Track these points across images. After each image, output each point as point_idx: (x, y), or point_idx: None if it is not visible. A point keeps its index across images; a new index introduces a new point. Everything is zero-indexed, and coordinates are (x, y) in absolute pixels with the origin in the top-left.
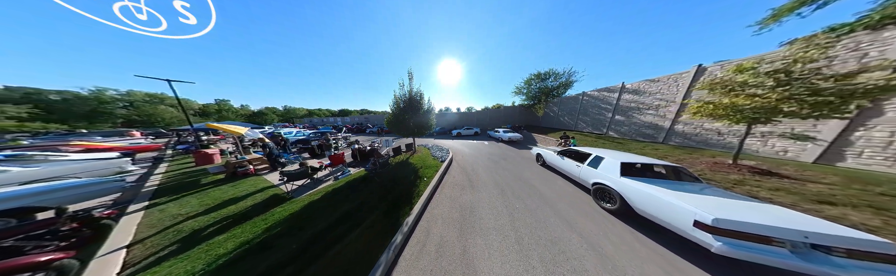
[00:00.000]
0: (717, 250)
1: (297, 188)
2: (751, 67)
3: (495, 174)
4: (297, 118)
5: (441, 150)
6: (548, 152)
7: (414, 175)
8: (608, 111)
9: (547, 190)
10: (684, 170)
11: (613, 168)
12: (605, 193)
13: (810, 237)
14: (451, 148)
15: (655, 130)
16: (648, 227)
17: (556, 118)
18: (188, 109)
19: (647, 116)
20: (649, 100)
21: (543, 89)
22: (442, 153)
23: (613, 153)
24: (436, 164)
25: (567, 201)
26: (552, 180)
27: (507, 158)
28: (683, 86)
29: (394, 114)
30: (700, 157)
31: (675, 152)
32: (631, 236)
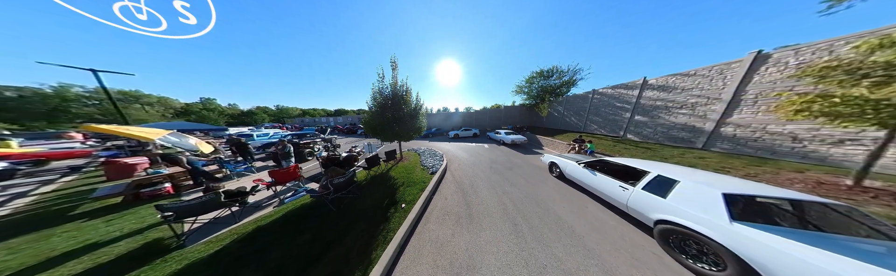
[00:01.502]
0: None
1: (203, 226)
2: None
3: (502, 195)
4: (289, 118)
5: (434, 156)
6: (566, 162)
7: (388, 200)
8: (625, 111)
9: (581, 225)
10: (852, 211)
11: (711, 204)
12: (688, 240)
13: None
14: (446, 153)
15: (692, 132)
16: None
17: (561, 119)
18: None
19: (680, 117)
20: (681, 97)
21: (546, 88)
22: (434, 162)
23: (689, 172)
24: (424, 178)
25: (618, 248)
26: (581, 205)
27: (513, 167)
28: (734, 79)
29: (372, 113)
30: (780, 172)
31: (733, 162)
32: None
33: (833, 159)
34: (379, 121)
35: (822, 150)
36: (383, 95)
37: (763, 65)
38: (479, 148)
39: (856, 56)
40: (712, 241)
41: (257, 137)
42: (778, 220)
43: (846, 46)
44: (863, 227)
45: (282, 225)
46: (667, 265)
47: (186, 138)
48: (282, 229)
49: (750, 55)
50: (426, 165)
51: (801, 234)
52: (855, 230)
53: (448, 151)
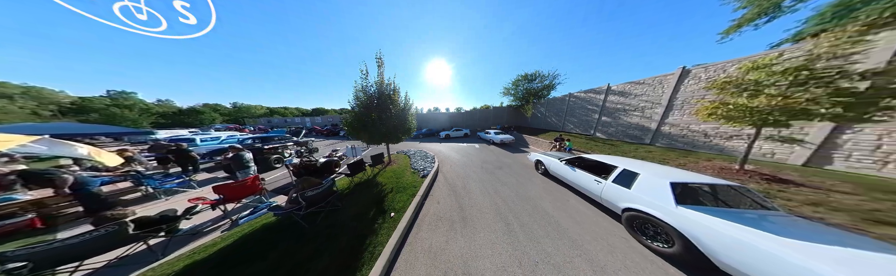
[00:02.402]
0: None
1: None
2: (766, 64)
3: (494, 194)
4: (250, 118)
5: (425, 158)
6: (550, 159)
7: (375, 209)
8: (595, 112)
9: (565, 219)
10: (750, 192)
11: (662, 192)
12: (647, 225)
13: None
14: (437, 155)
15: (642, 131)
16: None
17: (543, 119)
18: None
19: (634, 118)
20: (635, 101)
21: (530, 90)
22: (426, 164)
23: (647, 166)
24: (414, 182)
25: (596, 236)
26: (564, 199)
27: (503, 166)
28: (669, 88)
29: (355, 114)
30: (698, 161)
31: (670, 154)
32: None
33: (727, 150)
34: (363, 122)
35: (721, 143)
36: (368, 93)
37: (686, 78)
38: (469, 148)
39: (739, 74)
40: (663, 222)
41: (202, 141)
42: (703, 201)
43: (732, 66)
44: (749, 200)
45: (232, 254)
46: (633, 248)
47: (70, 146)
48: (231, 259)
49: (678, 70)
50: (417, 168)
51: (715, 211)
52: (746, 203)
53: (439, 152)
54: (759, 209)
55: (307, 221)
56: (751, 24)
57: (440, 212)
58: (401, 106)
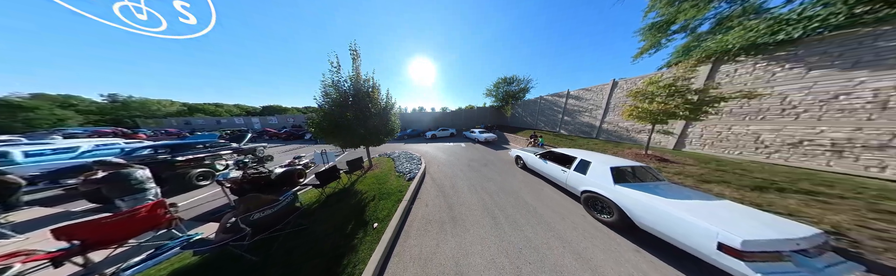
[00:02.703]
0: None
1: None
2: (655, 81)
3: (482, 191)
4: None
5: (411, 160)
6: (527, 154)
7: (354, 222)
8: (559, 113)
9: (541, 206)
10: (651, 170)
11: (604, 175)
12: (597, 202)
13: (801, 243)
14: (424, 156)
15: (590, 128)
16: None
17: (520, 118)
18: None
19: (585, 118)
20: (585, 104)
21: (509, 92)
22: (411, 166)
23: (596, 156)
24: (400, 187)
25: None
26: (539, 189)
27: (488, 163)
28: (605, 94)
29: (326, 113)
30: (623, 149)
31: (607, 146)
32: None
33: (639, 141)
34: (336, 122)
35: (635, 136)
36: (341, 90)
37: (616, 88)
38: (456, 147)
39: (643, 87)
40: (606, 198)
41: (29, 156)
42: (628, 179)
43: (640, 81)
44: (651, 175)
45: None
46: (589, 222)
47: None
48: None
49: (610, 81)
50: (402, 171)
51: (634, 185)
52: (649, 177)
53: (426, 152)
54: (656, 181)
55: (256, 252)
56: (648, 53)
57: (429, 215)
58: (382, 105)
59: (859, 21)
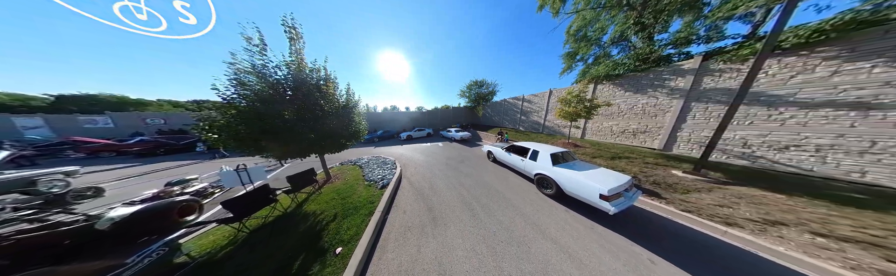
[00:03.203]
0: (613, 212)
1: None
2: (570, 92)
3: (460, 187)
4: None
5: (384, 165)
6: (496, 149)
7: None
8: (518, 113)
9: (508, 191)
10: (571, 153)
11: (547, 160)
12: (544, 181)
13: (626, 185)
14: (399, 159)
15: (538, 125)
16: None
17: (490, 118)
18: None
19: (535, 117)
20: (535, 106)
21: (480, 94)
22: (384, 172)
23: (540, 145)
24: (371, 197)
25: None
26: (506, 177)
27: (465, 160)
28: (545, 99)
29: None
30: (556, 140)
31: (548, 138)
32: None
33: (563, 133)
34: (265, 125)
35: (562, 130)
36: (269, 80)
37: (551, 95)
38: (434, 147)
39: (565, 96)
40: (549, 177)
41: None
42: (559, 161)
43: (563, 91)
44: (571, 157)
45: None
46: (541, 198)
47: None
48: None
49: (548, 90)
50: (373, 178)
51: (563, 165)
52: (570, 159)
53: (401, 155)
54: (573, 161)
55: None
56: (567, 72)
57: (408, 221)
58: (339, 102)
59: (641, 68)
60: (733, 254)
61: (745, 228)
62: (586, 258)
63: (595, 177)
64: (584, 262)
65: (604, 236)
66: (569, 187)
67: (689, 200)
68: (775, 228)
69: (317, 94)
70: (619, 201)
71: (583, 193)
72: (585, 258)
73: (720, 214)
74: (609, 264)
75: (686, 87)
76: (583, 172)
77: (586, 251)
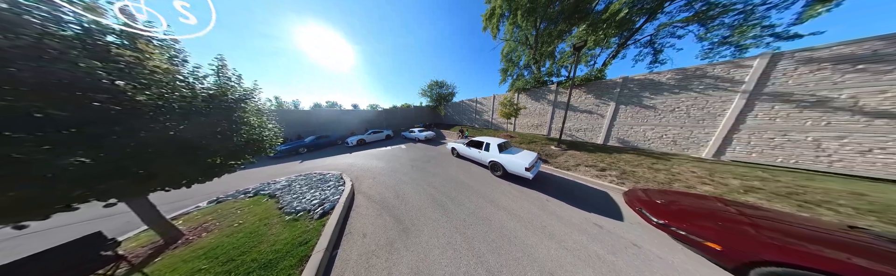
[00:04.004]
0: (531, 177)
1: None
2: (506, 97)
3: (429, 187)
4: None
5: (322, 185)
6: (458, 145)
7: None
8: (473, 113)
9: (472, 181)
10: (509, 143)
11: (495, 149)
12: (495, 165)
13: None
14: (348, 171)
15: (488, 123)
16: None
17: (451, 117)
18: None
19: (486, 116)
20: (485, 108)
21: (441, 95)
22: (323, 194)
23: (491, 139)
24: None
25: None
26: (468, 169)
27: (431, 159)
28: (491, 102)
29: None
30: (500, 133)
31: (495, 133)
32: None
33: (504, 128)
34: None
35: (503, 126)
36: None
37: (495, 99)
38: (396, 151)
39: (503, 100)
40: (498, 162)
41: None
42: (503, 149)
43: (502, 96)
44: (508, 145)
45: None
46: (493, 179)
47: None
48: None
49: (492, 95)
50: (301, 208)
51: (505, 152)
52: (510, 146)
53: (351, 166)
54: (512, 148)
55: None
56: (504, 82)
57: (370, 245)
58: (191, 90)
59: (536, 86)
60: (572, 184)
61: (571, 170)
62: (519, 211)
63: (522, 157)
64: (519, 214)
65: (527, 194)
66: (509, 166)
67: (556, 162)
68: (581, 167)
69: (129, 70)
70: (533, 170)
71: (516, 169)
72: (519, 211)
73: (564, 165)
74: (529, 209)
75: (553, 99)
76: (515, 154)
77: (521, 207)
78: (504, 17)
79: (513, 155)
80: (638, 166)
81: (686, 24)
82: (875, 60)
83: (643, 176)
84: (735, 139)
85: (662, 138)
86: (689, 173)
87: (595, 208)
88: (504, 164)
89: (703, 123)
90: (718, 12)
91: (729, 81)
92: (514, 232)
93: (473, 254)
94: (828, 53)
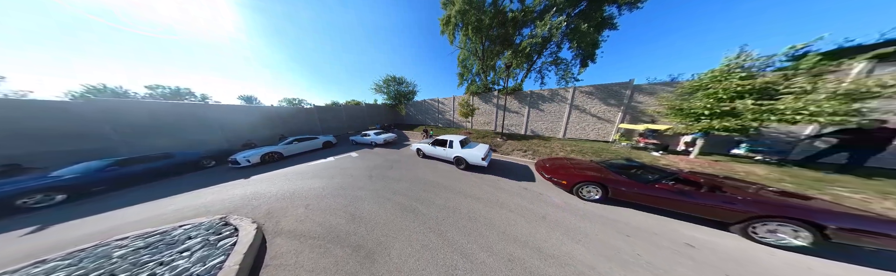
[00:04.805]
0: (486, 165)
1: None
2: (464, 99)
3: (394, 195)
4: None
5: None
6: (424, 145)
7: None
8: (437, 112)
9: (440, 178)
10: (468, 138)
11: (458, 145)
12: (459, 160)
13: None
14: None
15: (450, 122)
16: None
17: (414, 117)
18: None
19: (448, 116)
20: (447, 108)
21: (400, 92)
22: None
23: (454, 136)
24: None
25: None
26: (436, 167)
27: (394, 164)
28: (452, 103)
29: None
30: (461, 131)
31: (456, 131)
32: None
33: (465, 126)
34: None
35: (463, 124)
36: None
37: (455, 100)
38: (344, 161)
39: (461, 101)
40: (461, 157)
41: None
42: (464, 145)
43: (461, 98)
44: (469, 141)
45: None
46: (458, 172)
47: None
48: None
49: (452, 96)
50: None
51: (466, 147)
52: (469, 142)
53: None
54: (471, 143)
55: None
56: (462, 85)
57: None
58: None
59: (485, 91)
60: (511, 164)
61: (510, 154)
62: (480, 194)
63: (478, 149)
64: (480, 196)
65: (484, 179)
66: (469, 159)
67: (501, 150)
68: (515, 151)
69: None
70: (487, 159)
71: (475, 160)
72: (480, 193)
73: (505, 151)
74: (487, 190)
75: (496, 103)
76: (474, 148)
77: (481, 191)
78: (458, 27)
79: (472, 149)
80: (539, 146)
81: (549, 63)
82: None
83: (541, 151)
84: (569, 128)
85: (546, 129)
86: (556, 146)
87: (523, 178)
88: (466, 157)
89: (559, 120)
90: (558, 62)
91: (565, 98)
92: (479, 212)
93: (448, 245)
94: (584, 89)
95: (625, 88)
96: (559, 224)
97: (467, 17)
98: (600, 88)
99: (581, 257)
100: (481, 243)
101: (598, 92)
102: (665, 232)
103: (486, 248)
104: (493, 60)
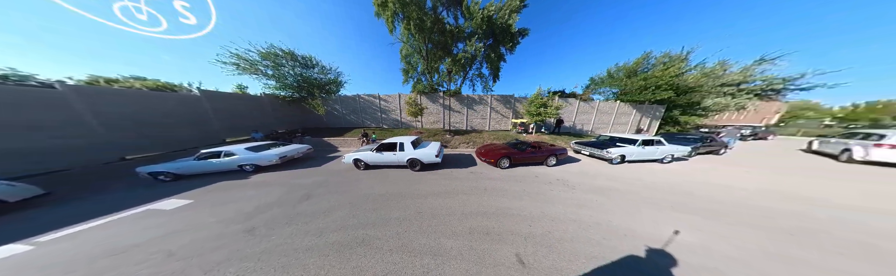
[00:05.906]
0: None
1: None
2: (411, 98)
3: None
4: None
5: None
6: (364, 154)
7: None
8: (378, 111)
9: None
10: (421, 138)
11: (410, 147)
12: (413, 161)
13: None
14: None
15: (398, 122)
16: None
17: (343, 117)
18: None
19: (394, 115)
20: (392, 106)
21: (311, 81)
22: None
23: (403, 138)
24: None
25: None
26: (385, 175)
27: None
28: (398, 101)
29: None
30: (411, 131)
31: (405, 131)
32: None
33: (414, 126)
34: None
35: (413, 124)
36: None
37: (401, 97)
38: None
39: (408, 100)
40: (415, 158)
41: None
42: (416, 145)
43: (406, 97)
44: (421, 141)
45: None
46: (414, 174)
47: None
48: None
49: (397, 94)
50: None
51: (418, 147)
52: (421, 142)
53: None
54: (422, 143)
55: None
56: (407, 82)
57: None
58: None
59: (433, 91)
60: (460, 156)
61: (457, 148)
62: (438, 188)
63: (431, 148)
64: (438, 191)
65: (440, 174)
66: (423, 159)
67: (451, 145)
68: (462, 145)
69: None
70: (440, 155)
71: (429, 159)
72: (438, 188)
73: (453, 146)
74: (443, 183)
75: (442, 103)
76: (427, 147)
77: (439, 185)
78: (398, 17)
79: (425, 148)
80: (476, 137)
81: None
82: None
83: (477, 142)
84: (491, 123)
85: (479, 124)
86: (487, 136)
87: (469, 164)
88: (420, 158)
89: (486, 118)
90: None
91: (487, 102)
92: (439, 206)
93: (416, 255)
94: (496, 97)
95: (511, 98)
96: (494, 190)
97: (408, 11)
98: (500, 97)
99: (510, 204)
100: (445, 231)
101: (502, 99)
102: (540, 175)
103: (450, 234)
104: (437, 63)
